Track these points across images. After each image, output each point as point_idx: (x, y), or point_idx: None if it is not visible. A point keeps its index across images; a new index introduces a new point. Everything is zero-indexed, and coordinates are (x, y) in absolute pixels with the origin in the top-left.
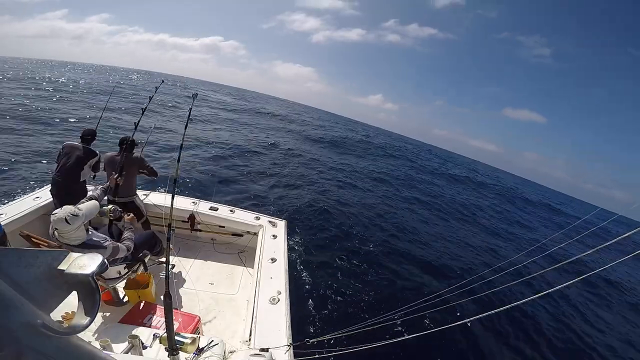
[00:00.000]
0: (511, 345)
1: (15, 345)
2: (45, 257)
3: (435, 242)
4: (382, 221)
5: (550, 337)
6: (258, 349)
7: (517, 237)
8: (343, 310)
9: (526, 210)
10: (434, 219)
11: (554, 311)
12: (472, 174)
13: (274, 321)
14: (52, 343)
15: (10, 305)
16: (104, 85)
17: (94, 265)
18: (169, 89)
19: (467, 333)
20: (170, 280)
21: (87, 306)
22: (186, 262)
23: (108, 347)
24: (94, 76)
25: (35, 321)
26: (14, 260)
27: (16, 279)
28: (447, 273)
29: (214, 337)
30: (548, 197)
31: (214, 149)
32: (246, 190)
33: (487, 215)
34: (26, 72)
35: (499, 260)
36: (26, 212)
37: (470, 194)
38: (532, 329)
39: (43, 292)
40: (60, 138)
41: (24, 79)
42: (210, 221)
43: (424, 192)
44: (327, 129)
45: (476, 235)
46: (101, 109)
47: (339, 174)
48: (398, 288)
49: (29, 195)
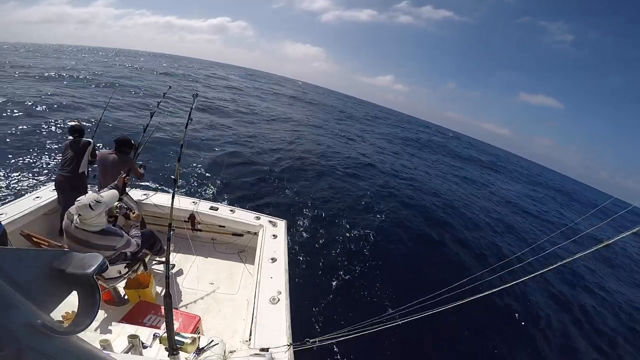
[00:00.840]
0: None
1: (15, 345)
2: (45, 257)
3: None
4: (386, 222)
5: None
6: (258, 349)
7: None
8: (344, 310)
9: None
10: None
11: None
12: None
13: (274, 321)
14: (52, 343)
15: (10, 305)
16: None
17: (94, 265)
18: (189, 71)
19: (468, 332)
20: (170, 280)
21: (87, 306)
22: (186, 262)
23: (108, 347)
24: (113, 60)
25: (35, 321)
26: (14, 260)
27: (16, 279)
28: (465, 267)
29: (214, 337)
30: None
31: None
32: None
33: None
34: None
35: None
36: (26, 212)
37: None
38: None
39: (43, 292)
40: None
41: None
42: (210, 221)
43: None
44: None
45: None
46: (102, 108)
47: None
48: (399, 288)
49: (29, 195)
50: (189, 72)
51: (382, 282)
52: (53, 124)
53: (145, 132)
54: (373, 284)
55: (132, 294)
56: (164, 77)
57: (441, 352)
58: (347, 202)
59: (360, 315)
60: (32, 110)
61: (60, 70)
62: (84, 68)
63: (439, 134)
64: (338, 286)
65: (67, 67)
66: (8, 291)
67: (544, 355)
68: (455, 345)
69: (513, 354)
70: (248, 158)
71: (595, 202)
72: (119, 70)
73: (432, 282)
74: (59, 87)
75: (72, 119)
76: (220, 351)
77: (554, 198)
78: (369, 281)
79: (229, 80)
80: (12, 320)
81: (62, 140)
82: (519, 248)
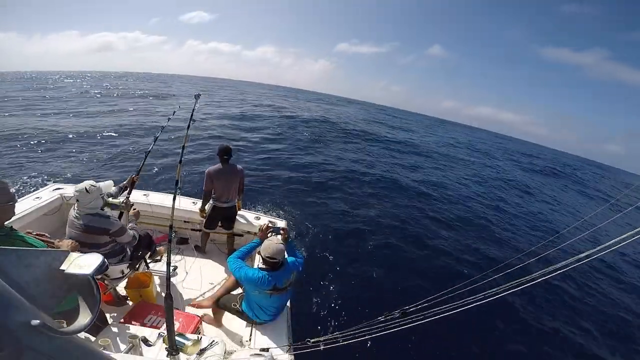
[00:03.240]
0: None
1: (15, 345)
2: (45, 257)
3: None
4: (386, 221)
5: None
6: (258, 349)
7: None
8: (344, 310)
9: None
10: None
11: None
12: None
13: (274, 321)
14: (52, 343)
15: (10, 305)
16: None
17: (94, 266)
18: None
19: (471, 331)
20: (170, 281)
21: (87, 306)
22: (186, 262)
23: (108, 347)
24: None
25: (35, 321)
26: (14, 260)
27: (16, 279)
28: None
29: (215, 337)
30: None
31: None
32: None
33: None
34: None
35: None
36: (27, 212)
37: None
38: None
39: (43, 292)
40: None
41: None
42: None
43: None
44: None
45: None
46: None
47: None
48: (401, 288)
49: (29, 195)
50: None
51: (385, 281)
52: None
53: (155, 142)
54: (376, 284)
55: (133, 294)
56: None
57: (447, 352)
58: (348, 200)
59: (364, 315)
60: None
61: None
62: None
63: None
64: (340, 285)
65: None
66: (8, 291)
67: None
68: (466, 346)
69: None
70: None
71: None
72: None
73: (441, 279)
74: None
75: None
76: (220, 351)
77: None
78: (372, 281)
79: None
80: (12, 320)
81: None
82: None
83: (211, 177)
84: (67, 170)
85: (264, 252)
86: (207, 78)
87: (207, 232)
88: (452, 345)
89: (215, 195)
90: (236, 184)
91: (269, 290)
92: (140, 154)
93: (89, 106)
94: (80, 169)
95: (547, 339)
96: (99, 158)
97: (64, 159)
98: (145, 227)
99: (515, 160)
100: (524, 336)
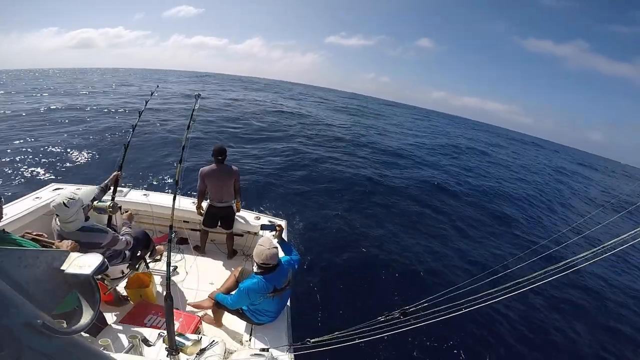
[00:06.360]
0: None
1: (15, 345)
2: (45, 257)
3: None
4: (386, 221)
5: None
6: (258, 349)
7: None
8: (344, 310)
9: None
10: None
11: None
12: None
13: (274, 321)
14: (52, 343)
15: (10, 305)
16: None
17: (94, 265)
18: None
19: (472, 331)
20: (170, 281)
21: (87, 306)
22: (186, 262)
23: (108, 347)
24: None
25: (35, 321)
26: (14, 260)
27: (16, 279)
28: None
29: (215, 337)
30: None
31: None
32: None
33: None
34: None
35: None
36: (27, 212)
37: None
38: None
39: (43, 292)
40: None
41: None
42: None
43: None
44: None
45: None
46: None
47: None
48: (402, 288)
49: (29, 195)
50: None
51: (385, 282)
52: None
53: (133, 130)
54: (376, 284)
55: (133, 294)
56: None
57: (447, 352)
58: (350, 196)
59: (364, 315)
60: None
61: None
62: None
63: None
64: (340, 285)
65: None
66: (8, 291)
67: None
68: (466, 346)
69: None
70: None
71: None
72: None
73: (441, 279)
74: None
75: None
76: (220, 351)
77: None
78: (373, 281)
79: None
80: (12, 321)
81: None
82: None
83: (202, 177)
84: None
85: (257, 258)
86: (196, 73)
87: (205, 231)
88: (452, 345)
89: (209, 195)
90: (230, 184)
91: (270, 293)
92: (118, 145)
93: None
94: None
95: (547, 340)
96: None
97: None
98: (145, 227)
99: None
100: (524, 336)
